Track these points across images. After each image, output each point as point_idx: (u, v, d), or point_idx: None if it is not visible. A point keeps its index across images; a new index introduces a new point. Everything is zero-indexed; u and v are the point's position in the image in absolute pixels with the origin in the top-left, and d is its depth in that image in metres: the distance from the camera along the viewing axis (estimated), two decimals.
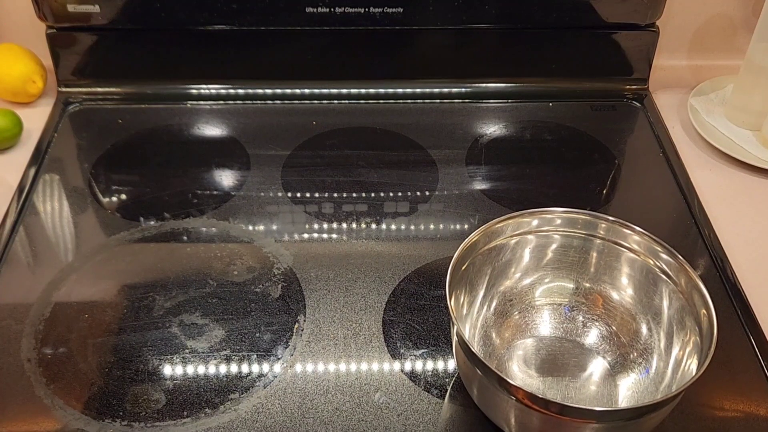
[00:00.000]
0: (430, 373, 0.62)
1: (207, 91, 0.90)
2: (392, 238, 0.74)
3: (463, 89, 0.92)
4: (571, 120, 0.89)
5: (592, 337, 0.63)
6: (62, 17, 0.84)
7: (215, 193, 0.79)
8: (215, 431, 0.58)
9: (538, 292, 0.64)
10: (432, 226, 0.76)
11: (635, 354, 0.60)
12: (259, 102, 0.90)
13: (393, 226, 0.75)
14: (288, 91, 0.90)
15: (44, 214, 0.76)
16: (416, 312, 0.67)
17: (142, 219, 0.75)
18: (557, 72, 0.92)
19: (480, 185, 0.80)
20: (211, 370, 0.62)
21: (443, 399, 0.60)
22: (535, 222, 0.62)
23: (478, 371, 0.52)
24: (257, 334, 0.64)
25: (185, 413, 0.59)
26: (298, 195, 0.79)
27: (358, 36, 0.87)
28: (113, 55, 0.89)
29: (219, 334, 0.64)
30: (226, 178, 0.81)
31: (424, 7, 0.85)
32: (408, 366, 0.62)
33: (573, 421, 0.50)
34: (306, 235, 0.74)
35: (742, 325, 0.66)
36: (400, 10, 0.85)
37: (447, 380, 0.61)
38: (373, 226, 0.75)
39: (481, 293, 0.63)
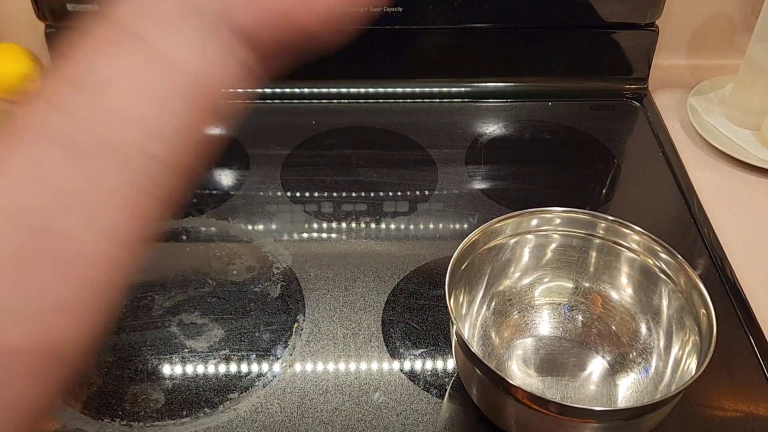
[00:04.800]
0: (429, 372, 0.62)
1: None
2: (391, 238, 0.74)
3: (463, 89, 0.92)
4: (571, 119, 0.89)
5: (591, 336, 0.63)
6: (61, 16, 0.84)
7: (214, 192, 0.79)
8: (214, 431, 0.58)
9: (538, 291, 0.64)
10: (431, 226, 0.76)
11: (634, 354, 0.60)
12: (258, 101, 0.90)
13: (392, 226, 0.75)
14: (287, 90, 0.90)
15: None
16: (415, 311, 0.66)
17: None
18: (557, 71, 0.92)
19: (479, 185, 0.80)
20: (211, 369, 0.62)
21: (442, 399, 0.60)
22: (534, 221, 0.62)
23: (478, 371, 0.52)
24: (256, 334, 0.64)
25: (184, 413, 0.59)
26: (298, 194, 0.78)
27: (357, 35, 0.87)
28: None
29: (218, 334, 0.64)
30: (225, 178, 0.81)
31: (424, 7, 0.85)
32: (407, 365, 0.62)
33: (572, 420, 0.50)
34: (305, 235, 0.74)
35: (742, 324, 0.66)
36: (400, 9, 0.85)
37: (446, 380, 0.61)
38: (373, 225, 0.75)
39: (481, 293, 0.63)
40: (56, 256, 0.27)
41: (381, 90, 0.91)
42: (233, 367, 0.62)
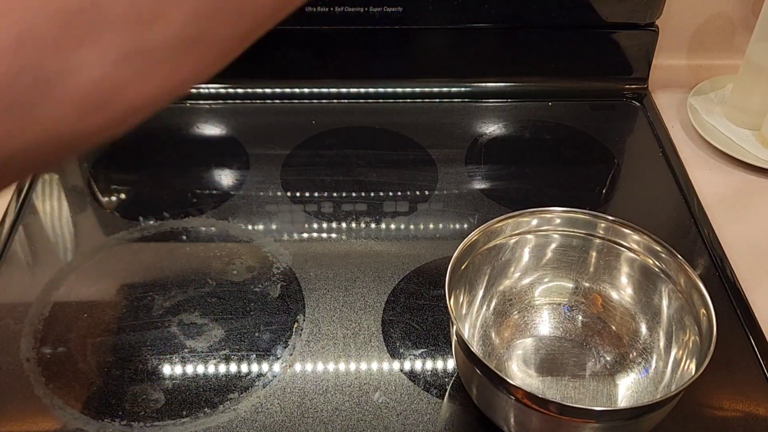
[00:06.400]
0: (429, 372, 0.62)
1: (206, 90, 0.90)
2: (391, 238, 0.74)
3: (463, 88, 0.92)
4: (571, 119, 0.89)
5: (591, 336, 0.63)
6: None
7: (214, 192, 0.79)
8: (214, 431, 0.58)
9: (538, 291, 0.64)
10: (431, 226, 0.76)
11: (635, 353, 0.60)
12: (258, 101, 0.90)
13: (392, 226, 0.75)
14: (287, 90, 0.90)
15: (43, 214, 0.76)
16: (416, 311, 0.66)
17: (141, 218, 0.75)
18: (557, 71, 0.92)
19: (479, 185, 0.80)
20: (211, 369, 0.62)
21: (442, 399, 0.60)
22: (534, 221, 0.62)
23: (478, 371, 0.52)
24: (256, 334, 0.64)
25: (184, 413, 0.59)
26: (298, 194, 0.78)
27: (358, 35, 0.87)
28: None
29: (218, 334, 0.64)
30: (225, 178, 0.81)
31: (424, 7, 0.85)
32: (407, 365, 0.62)
33: (572, 420, 0.50)
34: (305, 235, 0.74)
35: (742, 324, 0.66)
36: (400, 9, 0.85)
37: (446, 380, 0.61)
38: (373, 225, 0.75)
39: (481, 293, 0.63)
40: None
41: (381, 90, 0.91)
42: (233, 367, 0.62)
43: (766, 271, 0.72)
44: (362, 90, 0.91)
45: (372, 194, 0.79)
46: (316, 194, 0.78)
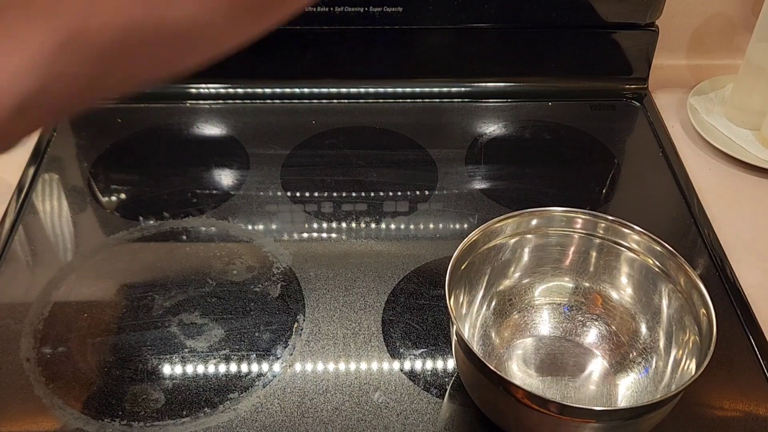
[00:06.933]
0: (429, 372, 0.62)
1: (206, 90, 0.90)
2: (391, 238, 0.74)
3: (463, 88, 0.92)
4: (571, 119, 0.89)
5: (591, 336, 0.63)
6: None
7: (214, 192, 0.79)
8: (214, 431, 0.58)
9: (538, 291, 0.64)
10: (431, 226, 0.76)
11: (635, 353, 0.60)
12: (258, 101, 0.90)
13: (392, 226, 0.75)
14: (287, 90, 0.90)
15: (43, 214, 0.76)
16: (416, 311, 0.66)
17: (141, 218, 0.75)
18: (557, 71, 0.92)
19: (479, 184, 0.80)
20: (211, 369, 0.62)
21: (442, 398, 0.60)
22: (534, 221, 0.62)
23: (478, 371, 0.52)
24: (256, 334, 0.64)
25: (184, 413, 0.59)
26: (298, 194, 0.78)
27: (358, 35, 0.87)
28: None
29: (218, 334, 0.64)
30: (225, 178, 0.81)
31: (424, 7, 0.85)
32: (407, 365, 0.62)
33: (572, 420, 0.50)
34: (305, 235, 0.74)
35: (742, 324, 0.66)
36: (400, 9, 0.85)
37: (446, 380, 0.61)
38: (373, 225, 0.75)
39: (481, 293, 0.63)
40: None
41: (381, 90, 0.91)
42: (233, 367, 0.62)
43: (766, 271, 0.72)
44: (362, 90, 0.91)
45: (372, 194, 0.79)
46: (316, 194, 0.79)
